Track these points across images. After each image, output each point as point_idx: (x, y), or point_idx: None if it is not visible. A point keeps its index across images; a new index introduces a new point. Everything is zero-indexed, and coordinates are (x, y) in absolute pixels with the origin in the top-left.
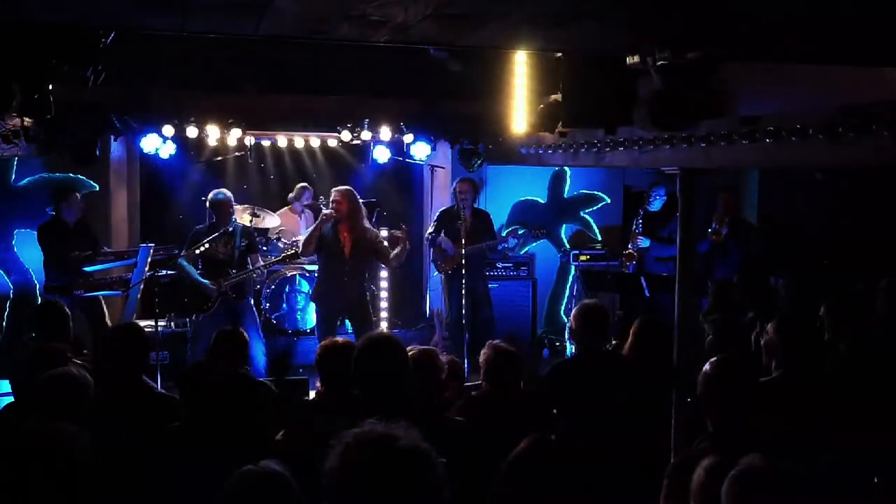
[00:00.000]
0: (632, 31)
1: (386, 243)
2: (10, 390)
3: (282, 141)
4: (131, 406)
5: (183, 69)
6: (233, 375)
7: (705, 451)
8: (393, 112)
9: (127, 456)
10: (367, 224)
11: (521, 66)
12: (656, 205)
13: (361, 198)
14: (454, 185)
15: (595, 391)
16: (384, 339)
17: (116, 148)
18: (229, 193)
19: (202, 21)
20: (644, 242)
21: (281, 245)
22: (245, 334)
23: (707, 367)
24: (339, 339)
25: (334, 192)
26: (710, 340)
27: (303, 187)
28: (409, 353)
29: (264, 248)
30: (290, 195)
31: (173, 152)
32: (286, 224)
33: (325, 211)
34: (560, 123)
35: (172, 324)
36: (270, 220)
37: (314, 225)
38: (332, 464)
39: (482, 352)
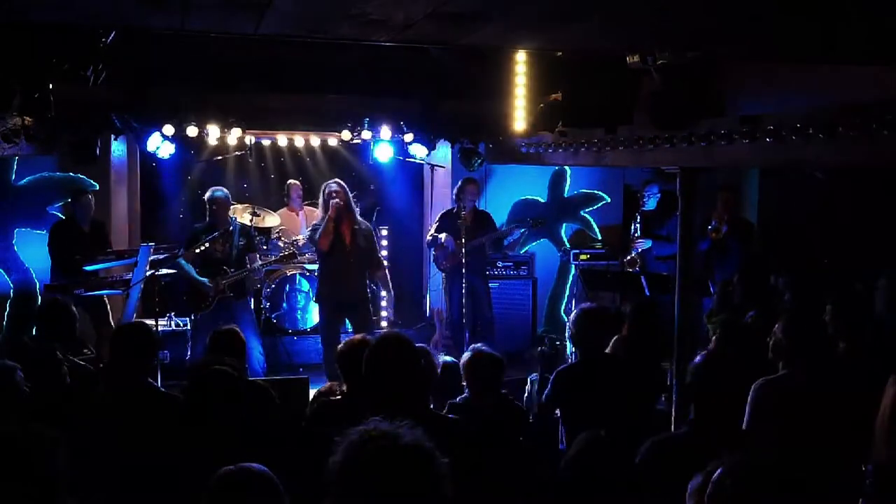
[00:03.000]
0: (632, 31)
1: (384, 253)
2: None
3: (282, 140)
4: (136, 405)
5: (183, 69)
6: (236, 376)
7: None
8: (393, 112)
9: (130, 454)
10: (358, 217)
11: (521, 66)
12: (651, 203)
13: (362, 197)
14: (458, 185)
15: (597, 395)
16: (396, 339)
17: (116, 148)
18: (227, 192)
19: (202, 20)
20: (646, 244)
21: (281, 244)
22: (241, 333)
23: (697, 359)
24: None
25: (331, 185)
26: (714, 339)
27: (291, 184)
28: None
29: (264, 248)
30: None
31: (173, 152)
32: (286, 223)
33: (333, 201)
34: (560, 123)
35: (173, 323)
36: (270, 220)
37: (326, 217)
38: (337, 460)
39: (462, 357)
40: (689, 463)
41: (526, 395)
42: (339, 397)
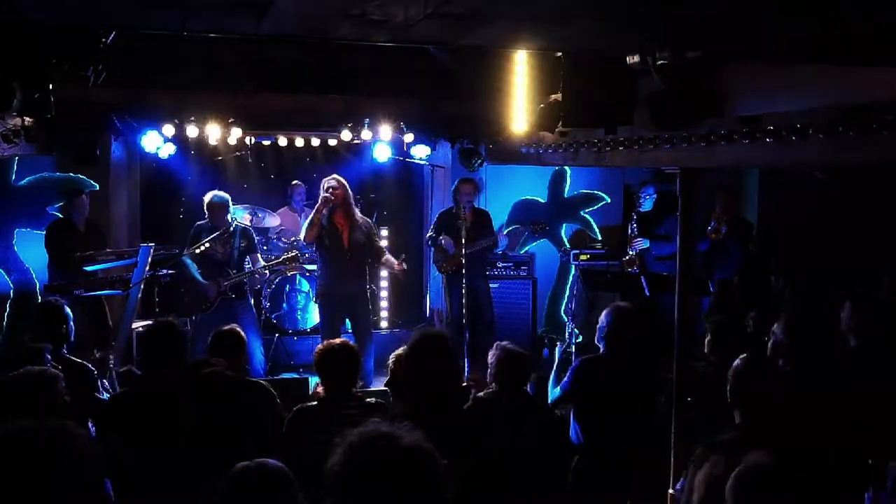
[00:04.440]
0: (632, 31)
1: (384, 244)
2: None
3: (282, 141)
4: (169, 403)
5: (183, 69)
6: (231, 375)
7: (731, 442)
8: (393, 112)
9: (150, 453)
10: (358, 214)
11: (521, 66)
12: (647, 204)
13: (361, 197)
14: (455, 185)
15: (615, 392)
16: (437, 336)
17: (116, 148)
18: (226, 196)
19: (202, 20)
20: (644, 243)
21: (281, 244)
22: (242, 333)
23: (737, 362)
24: (337, 341)
25: (330, 180)
26: (708, 340)
27: (294, 185)
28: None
29: (264, 248)
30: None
31: (173, 152)
32: (286, 223)
33: (323, 195)
34: (560, 123)
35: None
36: (270, 220)
37: (314, 209)
38: (336, 462)
39: (490, 353)
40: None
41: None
42: (315, 403)
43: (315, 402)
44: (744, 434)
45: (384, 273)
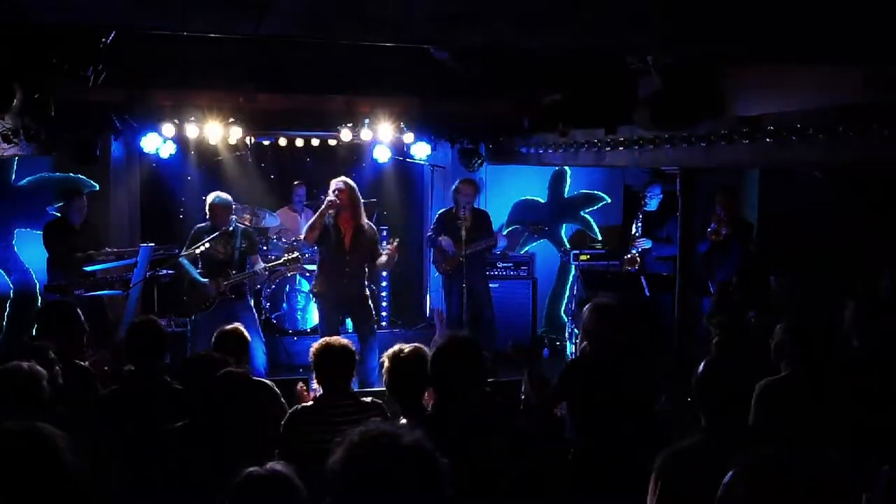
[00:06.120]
0: (632, 31)
1: (384, 252)
2: None
3: (282, 141)
4: (149, 400)
5: (183, 69)
6: (232, 372)
7: (695, 445)
8: (393, 112)
9: (137, 451)
10: (365, 219)
11: (520, 67)
12: (653, 204)
13: (361, 198)
14: (454, 185)
15: (605, 391)
16: (465, 341)
17: (116, 148)
18: (228, 198)
19: (202, 20)
20: (646, 243)
21: (281, 244)
22: (245, 333)
23: (700, 366)
24: (337, 339)
25: (338, 182)
26: (716, 341)
27: (295, 185)
28: (400, 352)
29: (264, 248)
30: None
31: (173, 152)
32: (286, 223)
33: (329, 197)
34: (560, 123)
35: (173, 323)
36: (270, 220)
37: (318, 211)
38: (336, 461)
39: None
40: (706, 470)
41: (522, 392)
42: (311, 403)
43: (311, 403)
44: (707, 438)
45: (384, 273)
